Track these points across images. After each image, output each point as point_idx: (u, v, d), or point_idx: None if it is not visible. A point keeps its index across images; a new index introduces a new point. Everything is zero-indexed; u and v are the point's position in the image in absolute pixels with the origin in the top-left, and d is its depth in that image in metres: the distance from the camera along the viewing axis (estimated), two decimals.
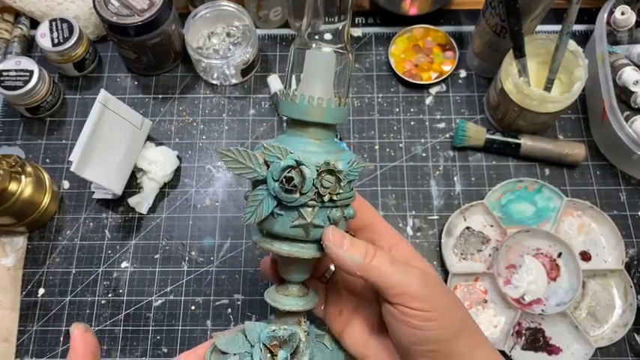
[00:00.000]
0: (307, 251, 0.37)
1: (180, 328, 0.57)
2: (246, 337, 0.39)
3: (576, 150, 0.61)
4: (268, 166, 0.35)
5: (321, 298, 0.43)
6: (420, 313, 0.35)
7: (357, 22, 0.71)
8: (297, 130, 0.37)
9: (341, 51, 0.38)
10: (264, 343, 0.37)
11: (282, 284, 0.40)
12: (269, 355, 0.37)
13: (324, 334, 0.42)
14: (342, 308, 0.42)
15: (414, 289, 0.35)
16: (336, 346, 0.42)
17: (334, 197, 0.35)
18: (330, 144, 0.38)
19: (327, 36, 0.39)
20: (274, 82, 0.66)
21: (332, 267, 0.45)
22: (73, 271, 0.59)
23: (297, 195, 0.34)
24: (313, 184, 0.35)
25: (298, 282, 0.40)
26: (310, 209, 0.35)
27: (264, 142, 0.37)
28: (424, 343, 0.35)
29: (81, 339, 0.38)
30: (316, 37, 0.38)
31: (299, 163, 0.34)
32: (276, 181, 0.35)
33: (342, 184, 0.36)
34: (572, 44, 0.58)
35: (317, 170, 0.35)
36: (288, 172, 0.34)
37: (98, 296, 0.58)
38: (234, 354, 0.38)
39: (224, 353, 0.39)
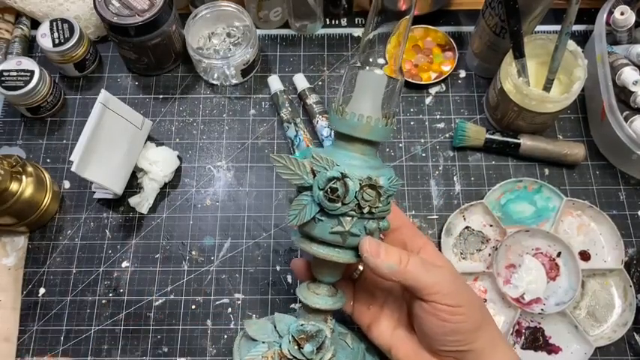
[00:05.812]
0: (342, 256, 0.40)
1: (180, 327, 0.57)
2: (274, 326, 0.43)
3: (576, 150, 0.61)
4: (314, 174, 0.38)
5: (349, 294, 0.46)
6: (450, 308, 0.39)
7: (356, 22, 0.71)
8: (344, 143, 0.40)
9: (392, 75, 0.41)
10: (292, 336, 0.41)
11: (313, 282, 0.43)
12: (296, 347, 0.41)
13: (347, 332, 0.45)
14: (370, 304, 0.46)
15: (445, 288, 0.39)
16: (357, 345, 0.45)
17: (373, 210, 0.38)
18: (373, 159, 0.40)
19: (381, 60, 0.41)
20: (274, 83, 0.66)
21: (360, 267, 0.48)
22: (74, 271, 0.59)
23: (340, 205, 0.37)
24: (355, 197, 0.37)
25: (329, 283, 0.43)
26: (349, 218, 0.38)
27: (313, 150, 0.39)
28: (451, 333, 0.39)
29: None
30: (370, 59, 0.41)
31: (344, 176, 0.37)
32: (322, 189, 0.37)
33: (381, 198, 0.38)
34: (571, 44, 0.58)
35: (360, 184, 0.37)
36: (334, 183, 0.37)
37: (99, 296, 0.58)
38: (263, 342, 0.42)
39: (253, 340, 0.43)
